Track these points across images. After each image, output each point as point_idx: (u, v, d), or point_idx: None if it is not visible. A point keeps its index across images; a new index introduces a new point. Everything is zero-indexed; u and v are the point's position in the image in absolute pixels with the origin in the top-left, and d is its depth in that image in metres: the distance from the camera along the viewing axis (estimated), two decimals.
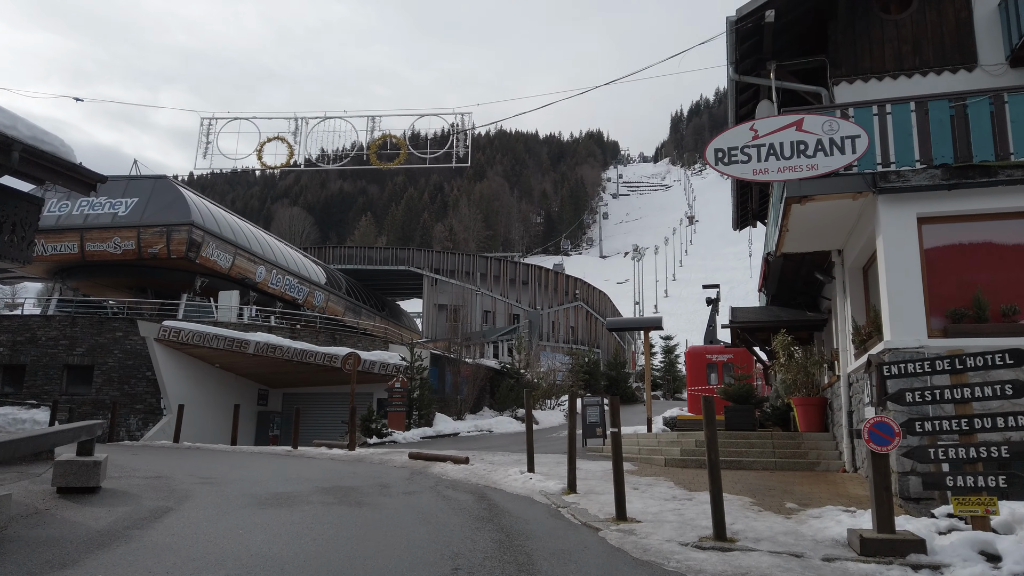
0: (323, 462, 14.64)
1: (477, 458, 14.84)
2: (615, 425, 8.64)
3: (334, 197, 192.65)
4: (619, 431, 8.64)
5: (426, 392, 26.08)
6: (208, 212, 29.78)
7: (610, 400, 8.86)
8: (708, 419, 7.40)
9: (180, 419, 19.57)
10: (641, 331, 26.33)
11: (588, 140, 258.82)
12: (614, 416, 8.66)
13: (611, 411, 8.73)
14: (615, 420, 8.66)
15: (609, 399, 8.82)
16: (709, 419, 7.40)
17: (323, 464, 14.15)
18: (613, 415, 8.68)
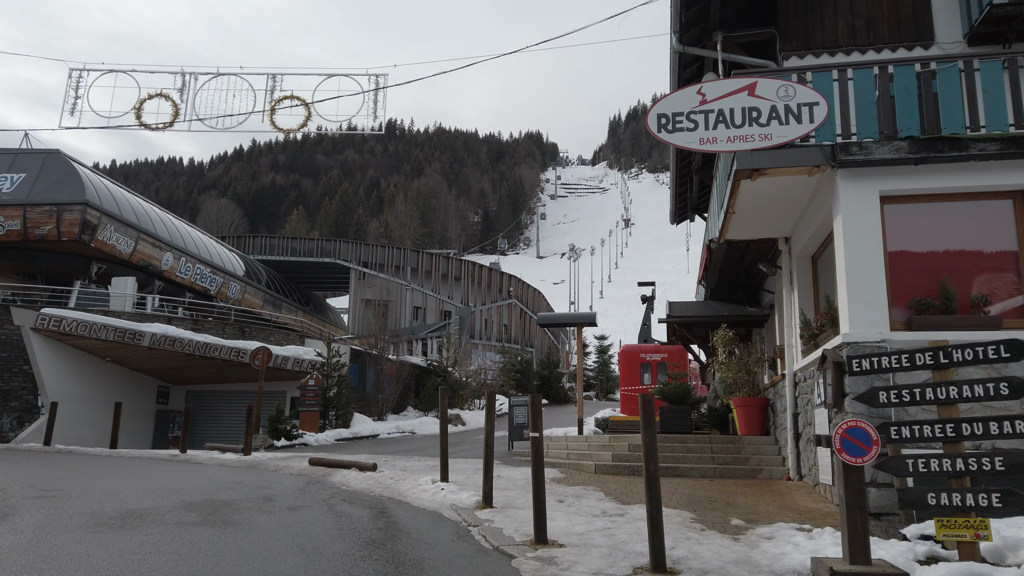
0: (209, 469, 12.80)
1: (388, 464, 13.26)
2: (535, 429, 7.24)
3: (265, 190, 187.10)
4: (540, 436, 7.24)
5: (344, 391, 24.25)
6: (106, 191, 27.13)
7: (531, 399, 7.46)
8: (646, 422, 6.08)
9: (53, 418, 17.30)
10: (574, 328, 25.15)
11: (527, 141, 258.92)
12: (534, 418, 7.26)
13: (531, 412, 7.33)
14: (535, 423, 7.26)
15: (530, 397, 7.41)
16: (647, 422, 6.07)
17: (207, 472, 12.32)
18: (533, 417, 7.28)
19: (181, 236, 31.78)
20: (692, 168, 18.23)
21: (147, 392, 24.84)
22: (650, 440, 5.98)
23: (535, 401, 7.41)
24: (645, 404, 6.19)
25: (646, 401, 6.22)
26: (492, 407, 9.06)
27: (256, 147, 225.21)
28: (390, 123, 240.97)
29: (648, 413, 6.13)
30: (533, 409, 7.31)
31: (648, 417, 6.11)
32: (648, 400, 6.23)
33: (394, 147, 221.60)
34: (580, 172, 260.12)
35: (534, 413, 7.28)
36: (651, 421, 6.11)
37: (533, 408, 7.33)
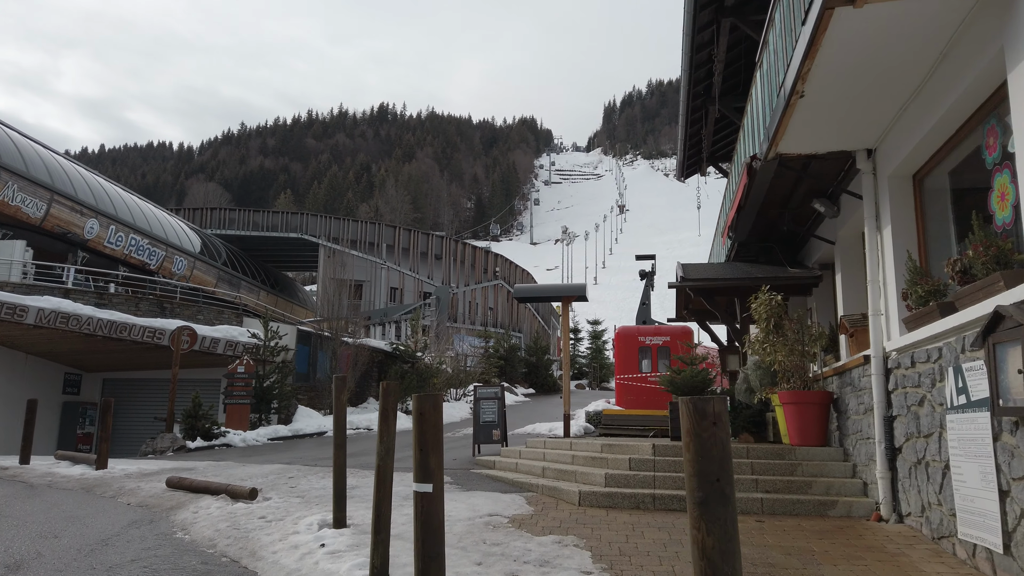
0: (16, 494, 8.78)
1: (289, 484, 9.29)
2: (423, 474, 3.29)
3: (254, 174, 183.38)
4: (436, 489, 3.29)
5: (285, 378, 20.27)
6: (7, 141, 22.95)
7: (423, 403, 3.51)
8: (699, 464, 2.12)
9: None
10: (559, 303, 21.24)
11: (521, 126, 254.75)
12: (422, 443, 3.30)
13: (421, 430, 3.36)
14: (424, 446, 3.30)
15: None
16: (703, 464, 2.11)
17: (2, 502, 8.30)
18: (422, 438, 3.32)
19: (111, 201, 27.60)
20: (712, 95, 14.21)
21: (51, 381, 20.79)
22: (713, 501, 2.02)
23: (433, 403, 3.46)
24: (696, 420, 2.23)
25: (697, 415, 2.26)
26: (390, 411, 5.07)
27: (245, 130, 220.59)
28: (382, 107, 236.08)
29: (704, 444, 2.18)
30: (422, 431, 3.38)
31: (705, 448, 2.16)
32: (703, 412, 2.26)
33: (385, 131, 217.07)
34: (574, 158, 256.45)
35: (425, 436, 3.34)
36: (707, 452, 2.17)
37: (424, 414, 3.39)
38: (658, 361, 24.47)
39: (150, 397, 21.52)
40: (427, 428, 3.21)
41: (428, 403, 3.27)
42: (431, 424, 3.22)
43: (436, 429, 3.23)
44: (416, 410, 3.33)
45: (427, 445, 3.19)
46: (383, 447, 5.03)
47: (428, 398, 3.29)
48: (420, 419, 3.29)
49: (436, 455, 3.18)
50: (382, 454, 5.02)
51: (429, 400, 3.28)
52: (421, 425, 3.26)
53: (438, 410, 3.29)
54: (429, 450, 3.17)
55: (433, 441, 3.20)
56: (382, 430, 5.11)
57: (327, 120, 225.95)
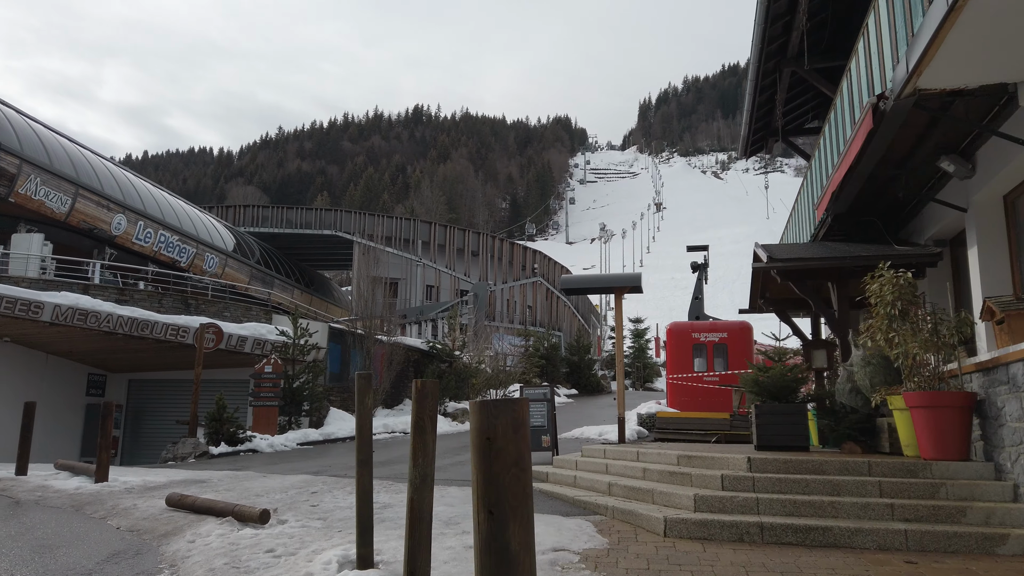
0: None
1: (306, 503, 7.88)
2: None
3: (291, 176, 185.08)
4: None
5: (316, 379, 19.00)
6: (30, 133, 22.10)
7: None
8: None
9: None
10: (610, 295, 19.64)
11: (556, 125, 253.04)
12: (496, 499, 1.75)
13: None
14: (499, 504, 1.75)
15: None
16: None
17: None
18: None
19: (139, 196, 26.74)
20: (789, 55, 12.48)
21: (74, 382, 19.84)
22: None
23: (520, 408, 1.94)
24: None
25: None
26: (424, 422, 3.57)
27: (283, 134, 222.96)
28: (416, 108, 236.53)
29: None
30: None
31: None
32: None
33: (420, 133, 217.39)
34: (609, 157, 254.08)
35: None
36: None
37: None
38: (714, 359, 22.74)
39: (177, 399, 20.45)
40: (503, 470, 1.70)
41: (505, 419, 1.75)
42: (511, 461, 1.71)
43: (520, 472, 1.72)
44: (480, 431, 1.81)
45: (504, 503, 1.68)
46: (417, 473, 3.54)
47: (505, 408, 1.78)
48: (488, 452, 1.76)
49: (522, 526, 1.66)
50: (416, 483, 3.53)
51: (507, 412, 1.76)
52: (490, 464, 1.73)
53: (522, 433, 1.76)
54: (508, 515, 1.66)
55: (515, 496, 1.68)
56: (416, 448, 3.63)
57: (362, 123, 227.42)
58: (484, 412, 1.89)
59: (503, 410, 1.77)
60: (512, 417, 1.77)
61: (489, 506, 1.70)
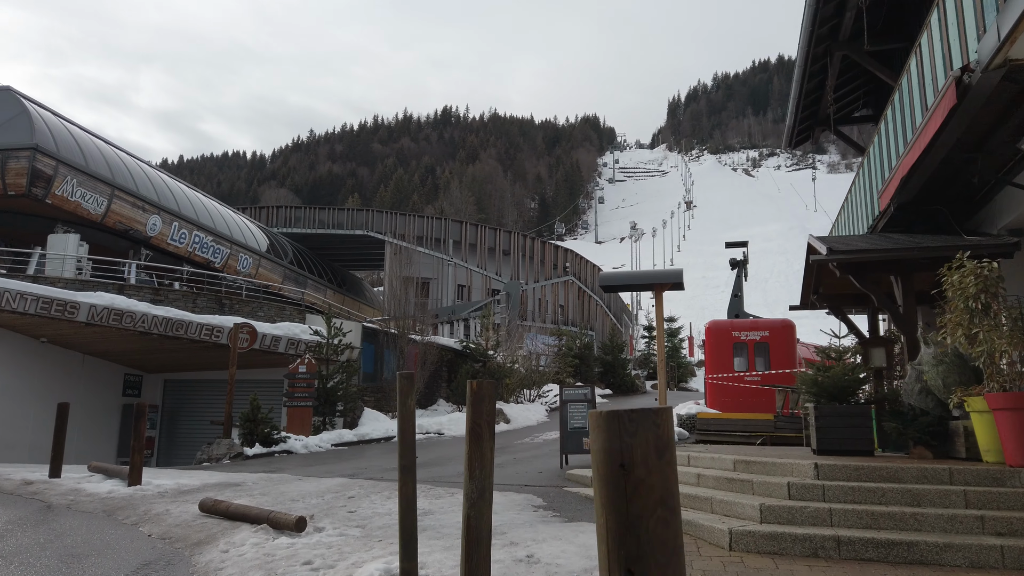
0: (24, 518, 7.30)
1: (343, 508, 7.55)
2: None
3: (323, 179, 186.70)
4: None
5: (350, 379, 18.77)
6: (67, 136, 22.21)
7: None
8: None
9: None
10: (643, 295, 19.07)
11: (584, 125, 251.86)
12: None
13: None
14: None
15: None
16: None
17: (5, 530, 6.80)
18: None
19: (174, 197, 26.82)
20: (839, 38, 11.88)
21: (110, 382, 19.86)
22: None
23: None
24: None
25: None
26: (482, 429, 3.18)
27: (314, 137, 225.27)
28: (445, 110, 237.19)
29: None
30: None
31: None
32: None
33: (449, 134, 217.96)
34: (638, 155, 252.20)
35: None
36: None
37: None
38: (755, 358, 22.08)
39: (212, 399, 20.39)
40: (646, 512, 1.20)
41: (646, 438, 1.25)
42: (656, 498, 1.21)
43: (669, 514, 1.25)
44: (608, 453, 1.25)
45: (648, 558, 1.23)
46: (475, 487, 3.15)
47: (645, 422, 1.29)
48: (623, 485, 1.23)
49: None
50: (473, 497, 3.14)
51: (647, 428, 1.26)
52: (626, 502, 1.17)
53: (668, 459, 1.27)
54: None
55: (664, 548, 1.23)
56: (472, 458, 3.24)
57: (392, 125, 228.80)
58: (614, 427, 1.35)
59: (643, 425, 1.30)
60: (656, 435, 1.30)
61: (628, 563, 1.24)
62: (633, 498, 1.26)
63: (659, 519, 1.27)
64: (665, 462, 1.29)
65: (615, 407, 9.72)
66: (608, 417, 1.34)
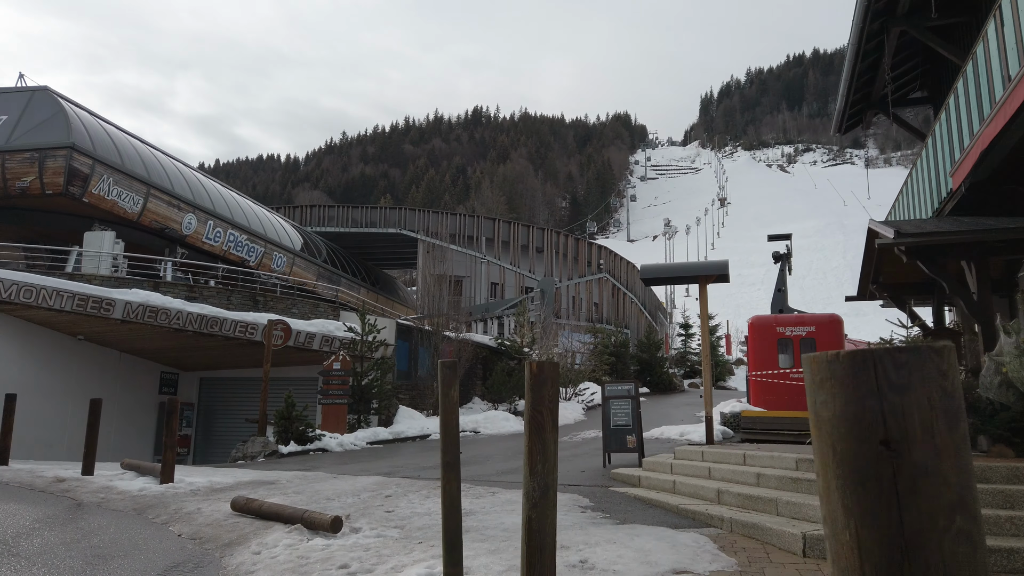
0: (55, 516, 7.06)
1: (380, 508, 7.18)
2: None
3: (355, 180, 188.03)
4: None
5: (385, 376, 18.49)
6: (103, 135, 22.29)
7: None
8: None
9: (10, 420, 11.69)
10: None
11: (615, 123, 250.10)
12: None
13: None
14: None
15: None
16: None
17: (34, 529, 6.55)
18: None
19: (209, 196, 26.86)
20: (896, 13, 11.21)
21: (146, 380, 19.87)
22: None
23: None
24: None
25: None
26: (544, 420, 2.75)
27: (346, 139, 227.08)
28: (475, 110, 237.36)
29: None
30: None
31: None
32: None
33: (480, 134, 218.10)
34: (671, 153, 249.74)
35: None
36: None
37: None
38: (801, 355, 21.36)
39: (248, 397, 20.27)
40: (933, 520, 0.75)
41: (924, 394, 0.80)
42: (948, 501, 0.76)
43: (971, 524, 0.83)
44: (859, 423, 0.84)
45: None
46: (536, 484, 2.72)
47: (919, 364, 0.84)
48: (892, 478, 0.79)
49: None
50: (535, 496, 2.72)
51: (927, 381, 0.82)
52: (896, 502, 0.73)
53: (961, 432, 0.82)
54: None
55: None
56: (533, 451, 2.81)
57: (423, 126, 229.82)
58: (866, 376, 0.86)
59: (920, 373, 0.78)
60: (942, 391, 0.82)
61: None
62: (910, 500, 0.79)
63: (958, 536, 0.80)
64: (959, 437, 0.82)
65: (653, 406, 9.17)
66: (852, 360, 0.85)
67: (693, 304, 67.20)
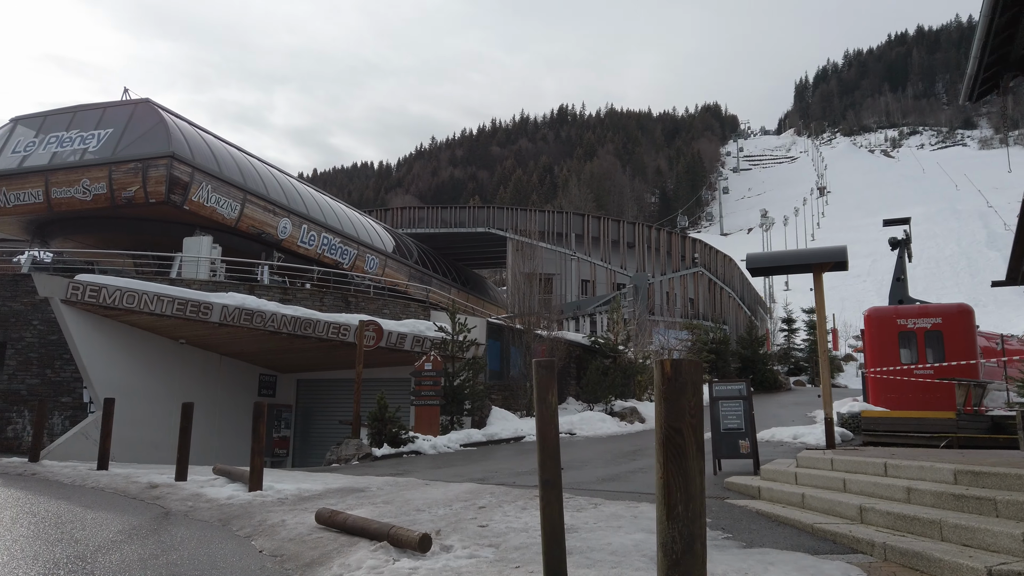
0: (133, 526, 6.82)
1: (473, 521, 6.59)
2: None
3: (445, 183, 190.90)
4: None
5: (477, 376, 18.04)
6: (201, 144, 22.89)
7: None
8: None
9: (109, 424, 11.92)
10: (804, 273, 17.13)
11: (705, 114, 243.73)
12: None
13: None
14: None
15: None
16: None
17: (115, 542, 6.30)
18: None
19: (302, 200, 27.29)
20: None
21: (246, 383, 20.18)
22: None
23: None
24: None
25: None
26: (679, 438, 2.00)
27: (435, 144, 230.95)
28: (561, 109, 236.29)
29: None
30: None
31: None
32: None
33: (566, 132, 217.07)
34: (764, 142, 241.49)
35: None
36: None
37: None
38: (926, 349, 19.51)
39: (343, 398, 20.30)
40: None
41: None
42: None
43: None
44: None
45: None
46: (677, 534, 2.01)
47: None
48: None
49: None
50: (676, 552, 2.01)
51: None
52: None
53: None
54: None
55: None
56: (671, 485, 2.08)
57: (509, 127, 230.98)
58: None
59: None
60: None
61: None
62: None
63: None
64: None
65: (759, 406, 7.97)
66: None
67: (795, 297, 64.01)
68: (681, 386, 2.14)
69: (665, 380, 2.12)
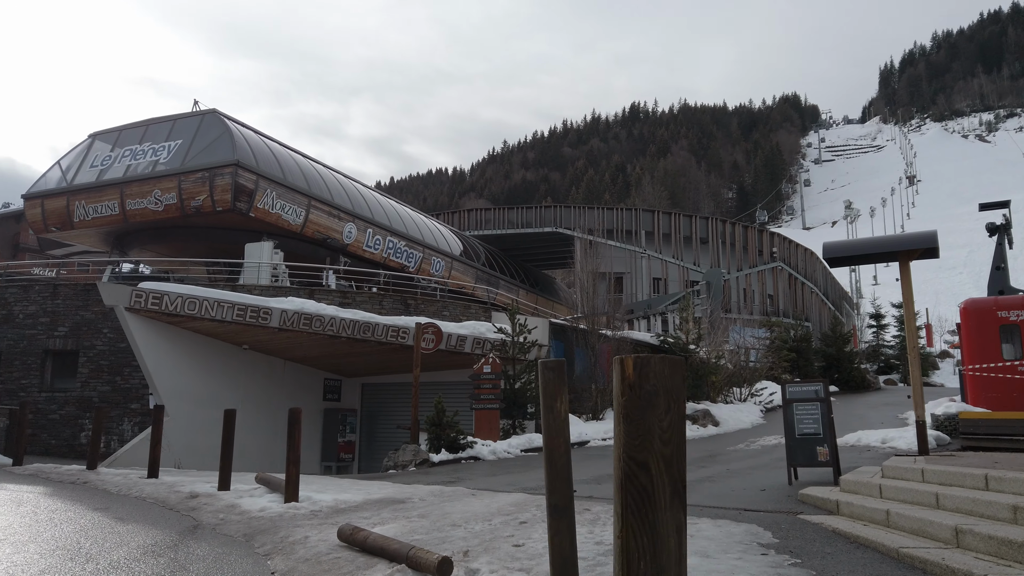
0: (157, 540, 6.54)
1: (509, 539, 6.02)
2: None
3: (517, 187, 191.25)
4: None
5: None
6: (265, 151, 23.15)
7: None
8: None
9: (159, 429, 11.95)
10: (890, 262, 15.79)
11: (783, 105, 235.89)
12: None
13: None
14: None
15: None
16: None
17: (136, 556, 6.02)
18: None
19: (367, 204, 27.35)
20: None
21: (311, 387, 20.21)
22: None
23: None
24: None
25: None
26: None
27: (507, 148, 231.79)
28: (633, 106, 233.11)
29: None
30: None
31: None
32: None
33: (638, 130, 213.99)
34: (847, 132, 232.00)
35: None
36: None
37: None
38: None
39: (405, 402, 20.07)
40: None
41: None
42: None
43: None
44: None
45: None
46: None
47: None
48: None
49: None
50: None
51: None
52: None
53: None
54: None
55: None
56: (631, 547, 1.47)
57: (580, 128, 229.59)
58: None
59: None
60: None
61: None
62: None
63: None
64: None
65: (844, 407, 6.81)
66: None
67: (883, 292, 60.61)
68: (648, 397, 1.48)
69: (625, 387, 1.47)
